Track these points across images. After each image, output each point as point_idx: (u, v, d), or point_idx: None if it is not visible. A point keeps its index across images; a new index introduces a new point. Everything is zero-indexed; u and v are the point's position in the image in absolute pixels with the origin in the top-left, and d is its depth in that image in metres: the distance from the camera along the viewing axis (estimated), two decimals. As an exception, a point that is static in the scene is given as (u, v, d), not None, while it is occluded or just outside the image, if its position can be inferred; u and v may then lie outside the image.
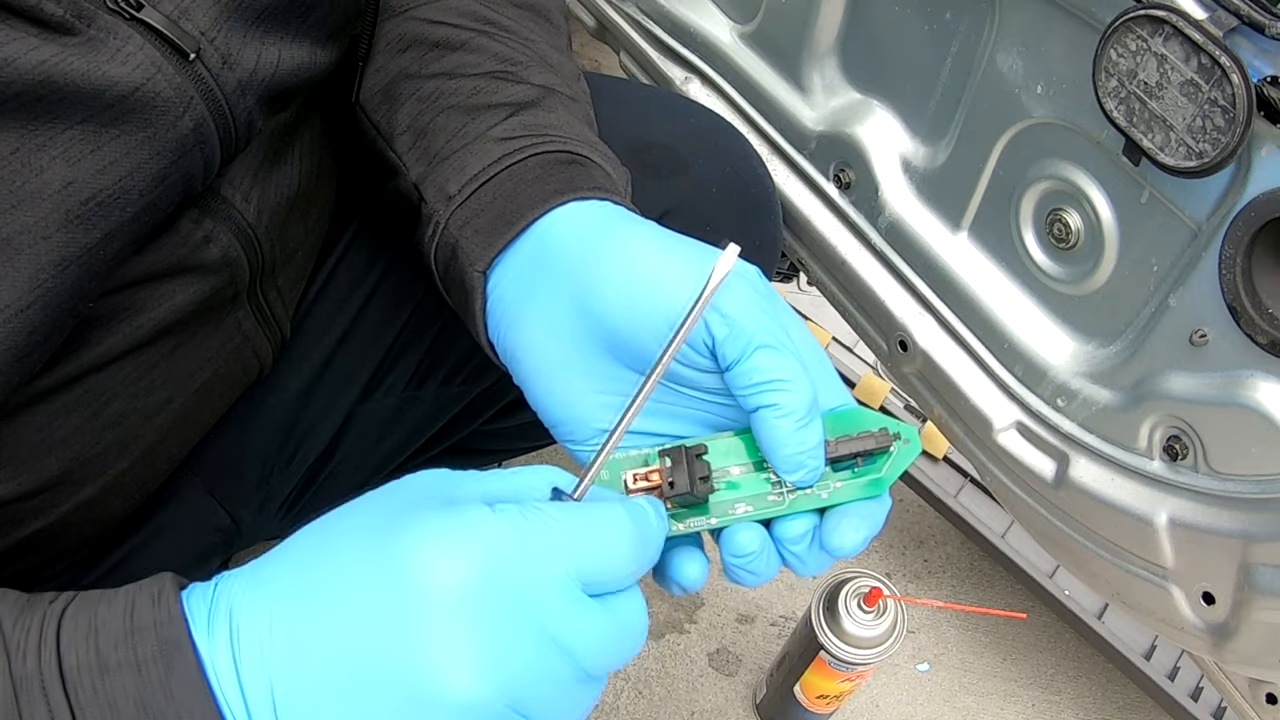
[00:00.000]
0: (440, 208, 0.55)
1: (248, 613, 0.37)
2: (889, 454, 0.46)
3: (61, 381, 0.47)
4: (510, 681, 0.36)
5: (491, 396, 0.79)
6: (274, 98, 0.51)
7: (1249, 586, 0.65)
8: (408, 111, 0.59)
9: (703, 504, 0.46)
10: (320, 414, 0.70)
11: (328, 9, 0.53)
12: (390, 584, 0.36)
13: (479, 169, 0.54)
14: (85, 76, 0.41)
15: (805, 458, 0.45)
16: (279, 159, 0.57)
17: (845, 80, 0.86)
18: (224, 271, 0.54)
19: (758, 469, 0.47)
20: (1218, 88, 0.56)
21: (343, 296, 0.70)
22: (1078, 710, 1.23)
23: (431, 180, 0.56)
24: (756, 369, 0.45)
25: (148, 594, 0.38)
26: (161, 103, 0.44)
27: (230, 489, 0.68)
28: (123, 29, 0.43)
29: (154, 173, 0.45)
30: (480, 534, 0.37)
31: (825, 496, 0.46)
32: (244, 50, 0.48)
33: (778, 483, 0.46)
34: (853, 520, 0.46)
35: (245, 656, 0.37)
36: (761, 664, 1.20)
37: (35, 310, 0.42)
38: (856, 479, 0.46)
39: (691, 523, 0.46)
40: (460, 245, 0.53)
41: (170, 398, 0.55)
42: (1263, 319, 0.59)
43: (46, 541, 0.53)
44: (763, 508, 0.46)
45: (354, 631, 0.36)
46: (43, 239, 0.41)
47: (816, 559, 0.47)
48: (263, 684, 0.36)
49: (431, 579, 0.36)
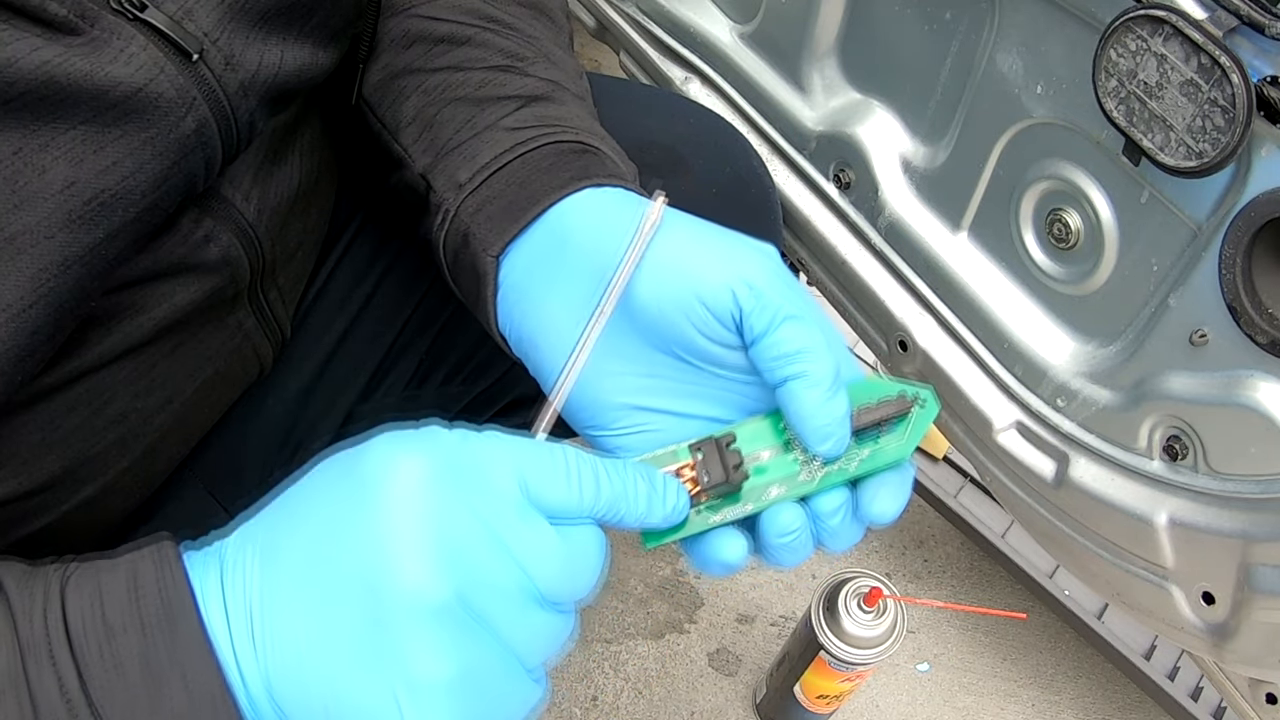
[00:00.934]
0: (450, 196, 0.55)
1: (233, 553, 0.39)
2: (908, 419, 0.47)
3: (62, 381, 0.47)
4: (463, 580, 0.38)
5: (492, 396, 0.79)
6: (275, 98, 0.51)
7: (1249, 586, 0.65)
8: (413, 104, 0.59)
9: (736, 492, 0.46)
10: (321, 413, 0.70)
11: (329, 10, 0.53)
12: (351, 489, 0.39)
13: (491, 157, 0.54)
14: (88, 77, 0.41)
15: (834, 427, 0.45)
16: (279, 159, 0.57)
17: (845, 80, 0.86)
18: (224, 271, 0.54)
19: (785, 450, 0.47)
20: (1218, 88, 0.56)
21: (343, 296, 0.70)
22: (1078, 710, 1.23)
23: (440, 170, 0.56)
24: (784, 340, 0.45)
25: (150, 559, 0.39)
26: (164, 103, 0.45)
27: (230, 488, 0.68)
28: (126, 29, 0.43)
29: (156, 173, 0.45)
30: (434, 442, 0.40)
31: (853, 469, 0.47)
32: (247, 51, 0.48)
33: (806, 461, 0.47)
34: (888, 489, 0.47)
35: (231, 593, 0.38)
36: (761, 664, 1.20)
37: (38, 310, 0.42)
38: (880, 447, 0.47)
39: (727, 513, 0.47)
40: (472, 232, 0.53)
41: (171, 397, 0.55)
42: (1263, 319, 0.59)
43: (47, 541, 0.53)
44: (795, 488, 0.46)
45: (318, 539, 0.39)
46: (45, 239, 0.41)
47: (850, 531, 0.48)
48: (243, 612, 0.38)
49: (386, 479, 0.38)
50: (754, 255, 0.47)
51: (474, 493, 0.39)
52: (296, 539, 0.39)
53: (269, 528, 0.40)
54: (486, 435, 0.41)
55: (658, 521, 0.44)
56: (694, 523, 0.46)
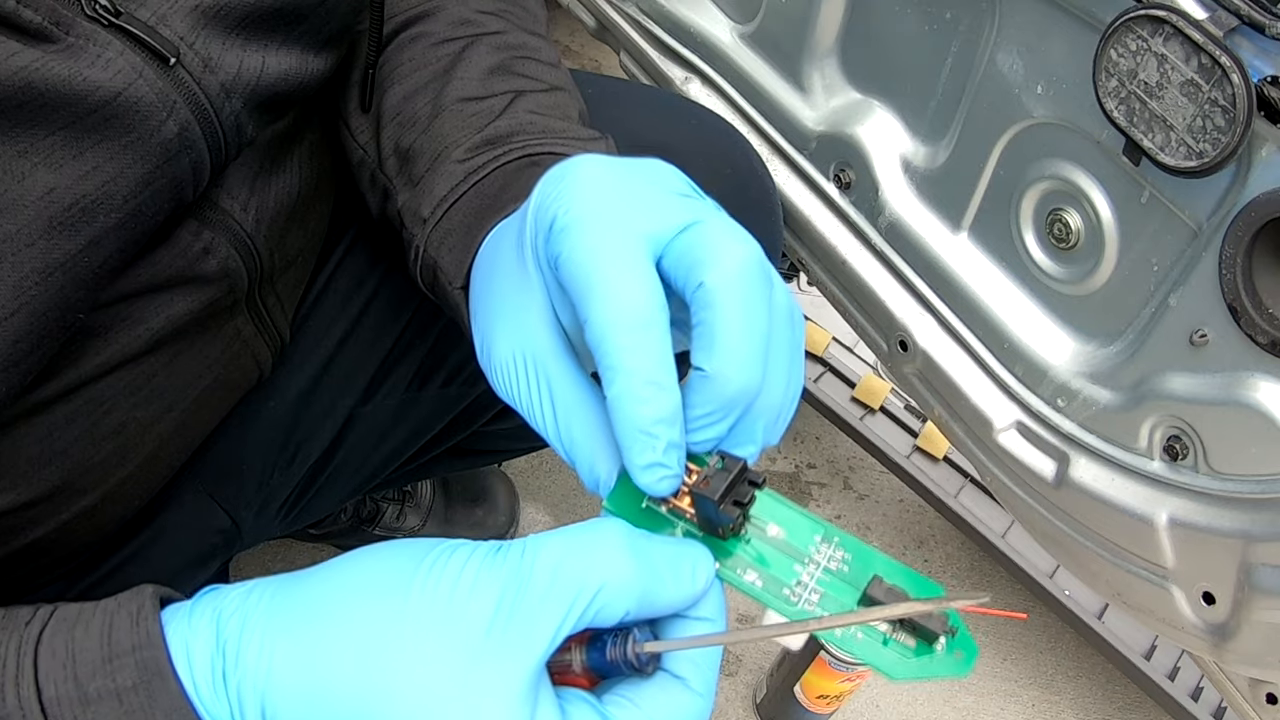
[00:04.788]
0: (418, 231, 0.55)
1: (236, 628, 0.36)
2: (932, 650, 0.39)
3: (59, 392, 0.47)
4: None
5: (491, 398, 0.78)
6: (266, 105, 0.51)
7: (1249, 586, 0.65)
8: (390, 134, 0.59)
9: (720, 540, 0.42)
10: (320, 416, 0.70)
11: (323, 18, 0.53)
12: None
13: (447, 189, 0.55)
14: (66, 82, 0.41)
15: (657, 427, 0.38)
16: (277, 167, 0.57)
17: (845, 80, 0.86)
18: (222, 282, 0.54)
19: (794, 554, 0.41)
20: (1218, 88, 0.56)
21: (343, 299, 0.70)
22: (1078, 710, 1.23)
23: (408, 206, 0.56)
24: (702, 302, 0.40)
25: (126, 613, 0.37)
26: (144, 107, 0.44)
27: (230, 491, 0.68)
28: (102, 35, 0.43)
29: (138, 177, 0.45)
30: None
31: (838, 635, 0.40)
32: (225, 55, 0.48)
33: (802, 584, 0.41)
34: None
35: (235, 677, 0.36)
36: (761, 664, 1.20)
37: (20, 318, 0.41)
38: (882, 644, 0.39)
39: (684, 533, 0.42)
40: (440, 265, 0.54)
41: (169, 406, 0.55)
42: (1263, 319, 0.59)
43: (46, 549, 0.53)
44: (770, 593, 0.41)
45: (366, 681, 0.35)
46: (26, 246, 0.41)
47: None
48: (254, 703, 0.35)
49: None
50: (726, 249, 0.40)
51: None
52: (332, 658, 0.35)
53: (293, 625, 0.36)
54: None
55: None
56: (657, 521, 0.42)
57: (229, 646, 0.36)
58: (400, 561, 0.37)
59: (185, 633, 0.37)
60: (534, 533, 0.38)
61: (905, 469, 1.22)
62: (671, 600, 0.38)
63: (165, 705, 0.35)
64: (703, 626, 0.40)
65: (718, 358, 0.39)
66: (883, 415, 1.28)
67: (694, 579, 0.39)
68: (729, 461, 0.41)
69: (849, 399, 1.29)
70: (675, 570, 0.38)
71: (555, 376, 0.43)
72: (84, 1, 0.43)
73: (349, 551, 0.39)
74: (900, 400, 1.30)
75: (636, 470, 0.39)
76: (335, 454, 0.72)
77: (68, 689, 0.35)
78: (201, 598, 0.38)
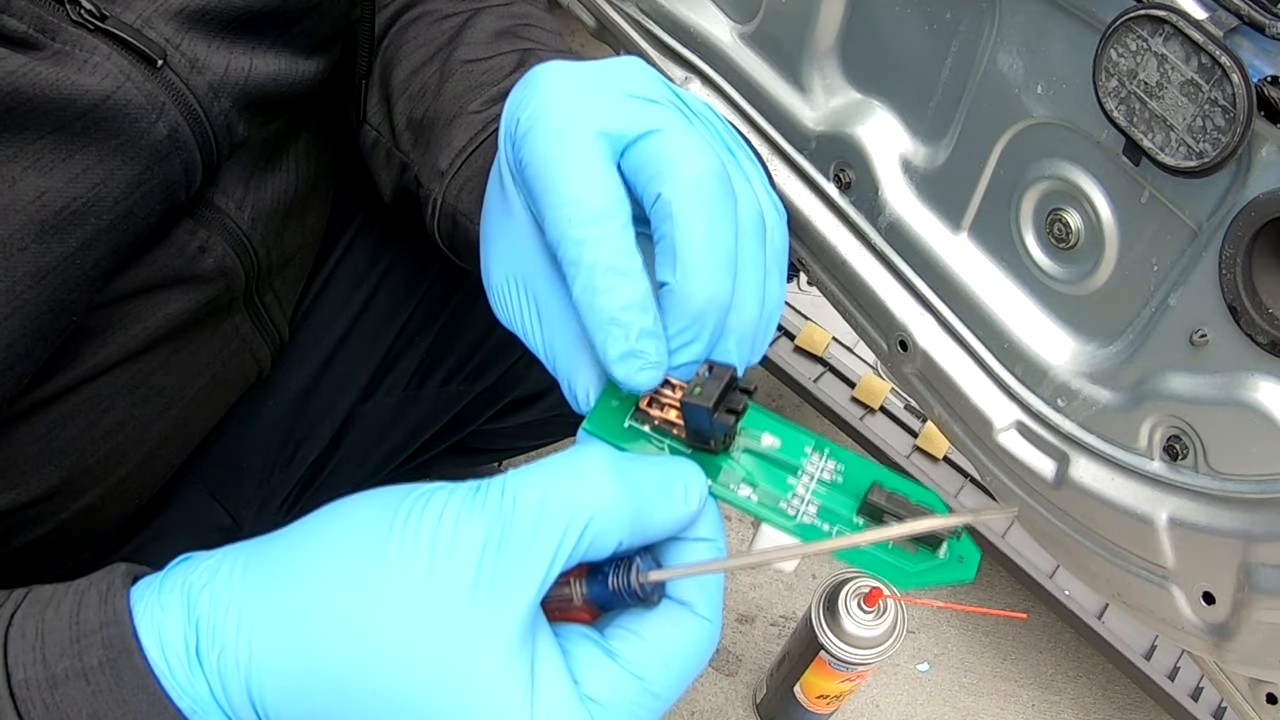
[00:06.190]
0: (435, 186, 0.56)
1: (208, 603, 0.35)
2: (935, 555, 0.39)
3: (58, 392, 0.47)
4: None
5: (491, 396, 0.79)
6: (256, 105, 0.51)
7: (1249, 586, 0.65)
8: (401, 109, 0.60)
9: (709, 456, 0.40)
10: (320, 414, 0.70)
11: (314, 21, 0.53)
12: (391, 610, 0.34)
13: (464, 141, 0.56)
14: (54, 87, 0.41)
15: (626, 313, 0.37)
16: (273, 166, 0.57)
17: (845, 80, 0.86)
18: (219, 281, 0.54)
19: (786, 467, 0.40)
20: (1218, 88, 0.56)
21: (343, 297, 0.70)
22: (1078, 710, 1.23)
23: (425, 164, 0.57)
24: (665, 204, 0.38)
25: (96, 591, 0.37)
26: (133, 110, 0.44)
27: (231, 489, 0.68)
28: (88, 40, 0.43)
29: (128, 179, 0.45)
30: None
31: (841, 544, 0.38)
32: (211, 56, 0.48)
33: (798, 496, 0.40)
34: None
35: (213, 656, 0.35)
36: (761, 664, 1.20)
37: (14, 322, 0.41)
38: (885, 553, 0.39)
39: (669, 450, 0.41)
40: (459, 210, 0.55)
41: (168, 404, 0.55)
42: (1263, 319, 0.59)
43: (46, 548, 0.53)
44: (766, 506, 0.40)
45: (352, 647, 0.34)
46: (18, 250, 0.41)
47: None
48: (238, 682, 0.34)
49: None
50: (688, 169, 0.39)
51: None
52: (319, 627, 0.34)
53: (269, 595, 0.35)
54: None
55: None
56: (641, 440, 0.40)
57: (202, 623, 0.35)
58: (374, 514, 0.35)
59: (154, 609, 0.36)
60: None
61: (905, 469, 1.22)
62: (666, 522, 0.37)
63: (132, 684, 0.34)
64: (701, 546, 0.38)
65: (680, 270, 0.38)
66: (883, 415, 1.29)
67: (687, 498, 0.37)
68: (718, 369, 0.39)
69: (849, 399, 1.29)
70: (666, 491, 0.37)
71: (541, 293, 0.42)
72: (69, 6, 0.43)
73: (320, 509, 0.37)
74: (900, 400, 1.31)
75: (613, 365, 0.37)
76: (335, 452, 0.72)
77: (36, 671, 0.34)
78: (171, 570, 0.37)
